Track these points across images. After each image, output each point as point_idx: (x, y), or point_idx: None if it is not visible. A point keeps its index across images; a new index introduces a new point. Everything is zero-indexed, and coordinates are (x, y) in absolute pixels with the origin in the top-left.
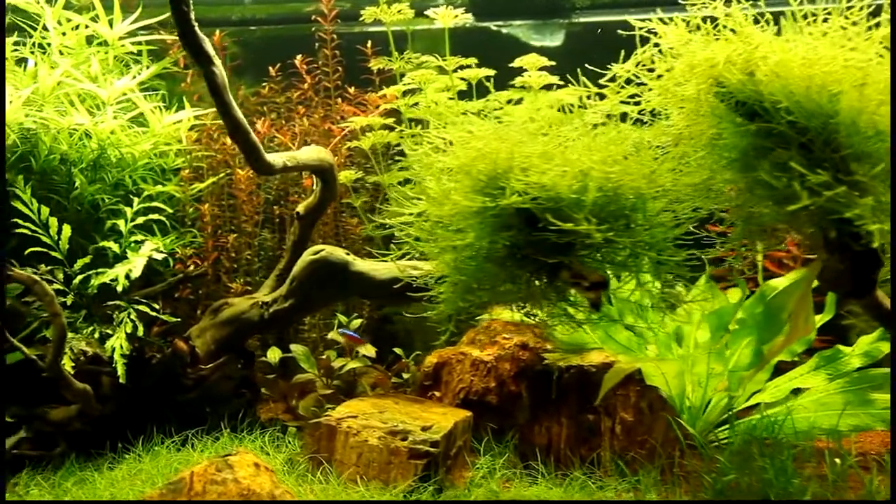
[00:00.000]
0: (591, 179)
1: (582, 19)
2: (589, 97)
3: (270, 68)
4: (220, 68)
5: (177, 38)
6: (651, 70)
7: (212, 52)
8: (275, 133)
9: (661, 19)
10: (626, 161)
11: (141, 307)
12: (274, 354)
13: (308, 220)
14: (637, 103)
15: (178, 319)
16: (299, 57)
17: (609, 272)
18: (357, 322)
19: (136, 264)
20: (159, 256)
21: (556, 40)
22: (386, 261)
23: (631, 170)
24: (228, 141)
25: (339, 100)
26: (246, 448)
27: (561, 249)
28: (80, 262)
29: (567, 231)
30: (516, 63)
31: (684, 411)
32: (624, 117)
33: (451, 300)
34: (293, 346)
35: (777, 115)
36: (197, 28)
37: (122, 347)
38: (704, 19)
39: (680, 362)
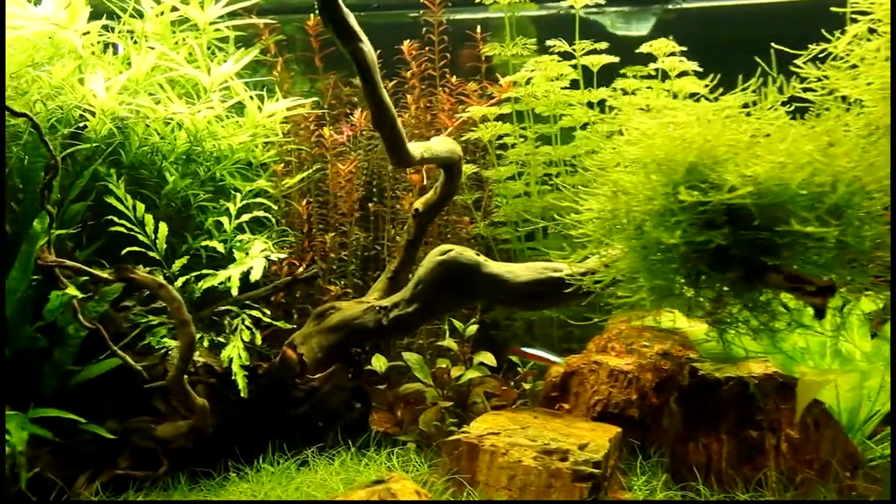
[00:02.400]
0: (821, 173)
1: (684, 4)
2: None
3: None
4: (367, 45)
5: (268, 22)
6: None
7: (357, 27)
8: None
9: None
10: (844, 151)
11: (253, 312)
12: (379, 362)
13: (426, 218)
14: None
15: (294, 326)
16: (406, 42)
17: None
18: (473, 328)
19: (255, 266)
20: (274, 257)
21: (642, 29)
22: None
23: (852, 161)
24: (327, 132)
25: (442, 90)
26: (399, 472)
27: (768, 250)
28: (178, 263)
29: (780, 230)
30: (644, 49)
31: (853, 427)
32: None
33: (639, 303)
34: (406, 354)
35: None
36: (341, 1)
37: (240, 357)
38: None
39: (858, 375)
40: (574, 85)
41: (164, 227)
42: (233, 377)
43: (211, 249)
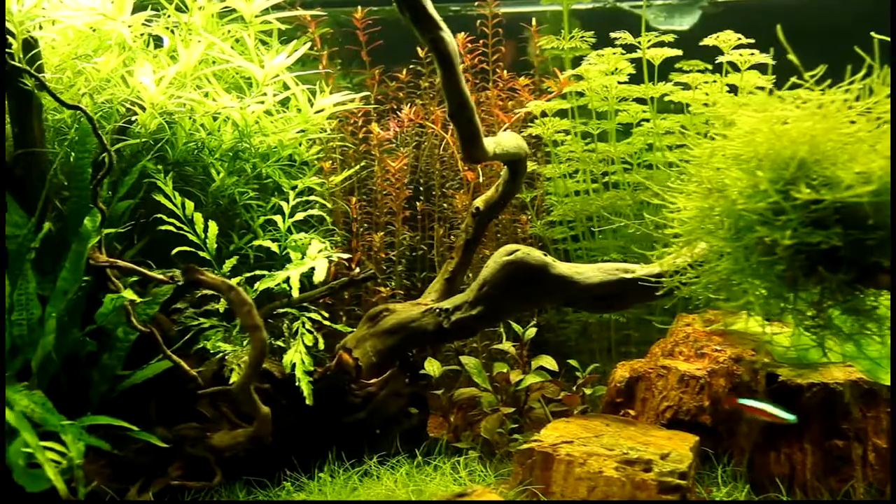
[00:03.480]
0: None
1: None
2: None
3: (419, 49)
4: (448, 34)
5: (316, 14)
6: None
7: (437, 16)
8: (421, 120)
9: None
10: None
11: (312, 315)
12: (433, 366)
13: (486, 217)
14: None
15: (352, 330)
16: (461, 35)
17: None
18: (532, 331)
19: (317, 267)
20: (335, 257)
21: (685, 23)
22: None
23: None
24: (376, 129)
25: (493, 85)
26: (480, 485)
27: (875, 250)
28: (228, 264)
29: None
30: (707, 41)
31: None
32: None
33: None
34: (464, 358)
35: None
36: None
37: (303, 363)
38: None
39: None
40: (633, 80)
41: (213, 226)
42: (296, 383)
43: (260, 249)
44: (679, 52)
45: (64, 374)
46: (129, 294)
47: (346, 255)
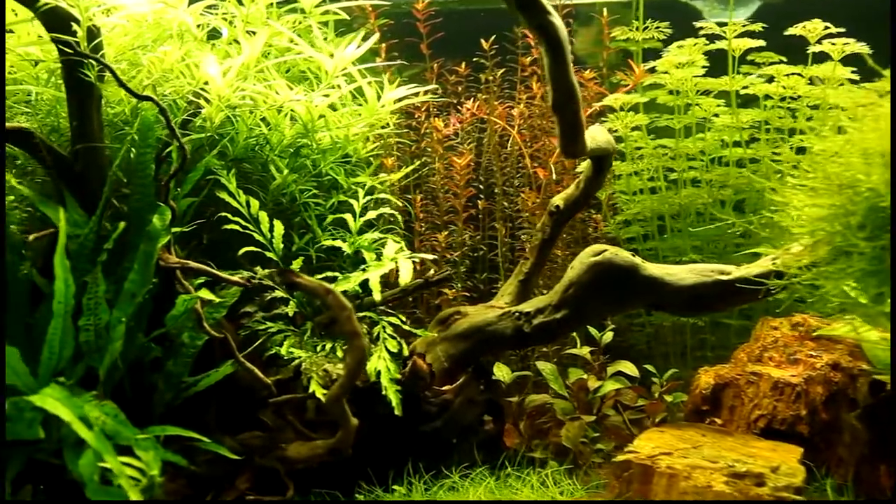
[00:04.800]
0: None
1: None
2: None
3: (483, 41)
4: (558, 19)
5: (378, 4)
6: None
7: (545, 1)
8: (484, 115)
9: None
10: None
11: (392, 319)
12: (502, 372)
13: (565, 216)
14: None
15: (436, 334)
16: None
17: None
18: (609, 335)
19: (402, 268)
20: (418, 259)
21: (740, 15)
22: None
23: None
24: (440, 124)
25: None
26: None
27: None
28: (296, 265)
29: None
30: (793, 31)
31: None
32: None
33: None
34: (539, 363)
35: None
36: None
37: (388, 370)
38: None
39: None
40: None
41: (279, 226)
42: (383, 392)
43: (321, 249)
44: (762, 43)
45: (128, 382)
46: (206, 295)
47: (430, 256)
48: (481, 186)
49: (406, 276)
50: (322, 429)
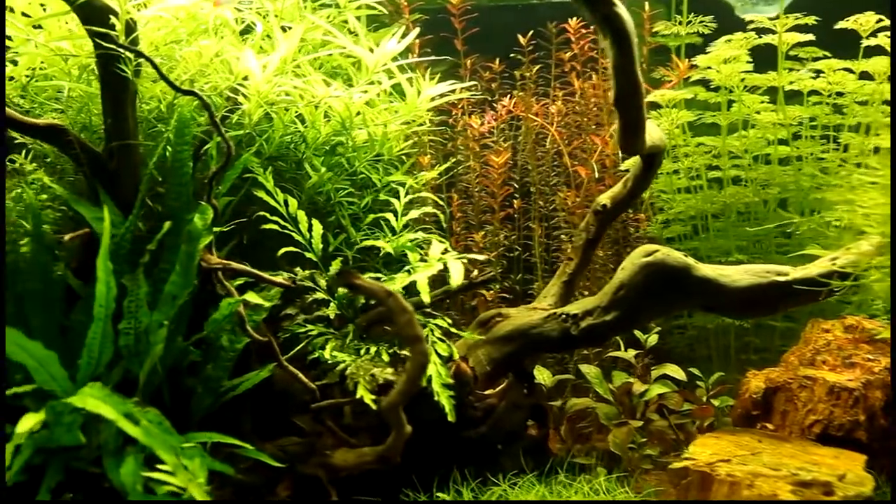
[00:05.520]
0: None
1: None
2: None
3: (520, 37)
4: (623, 10)
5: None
6: None
7: None
8: (521, 113)
9: None
10: None
11: (439, 321)
12: (543, 375)
13: (611, 215)
14: None
15: (483, 337)
16: (573, 21)
17: None
18: (655, 338)
19: (453, 269)
20: (467, 259)
21: (770, 11)
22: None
23: None
24: (476, 122)
25: (596, 74)
26: None
27: None
28: (334, 265)
29: None
30: (843, 24)
31: None
32: None
33: None
34: (583, 367)
35: None
36: None
37: (440, 375)
38: None
39: None
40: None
41: (318, 226)
42: (434, 397)
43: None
44: (811, 37)
45: (167, 387)
46: (253, 297)
47: (482, 257)
48: (516, 185)
49: (458, 278)
50: (359, 434)
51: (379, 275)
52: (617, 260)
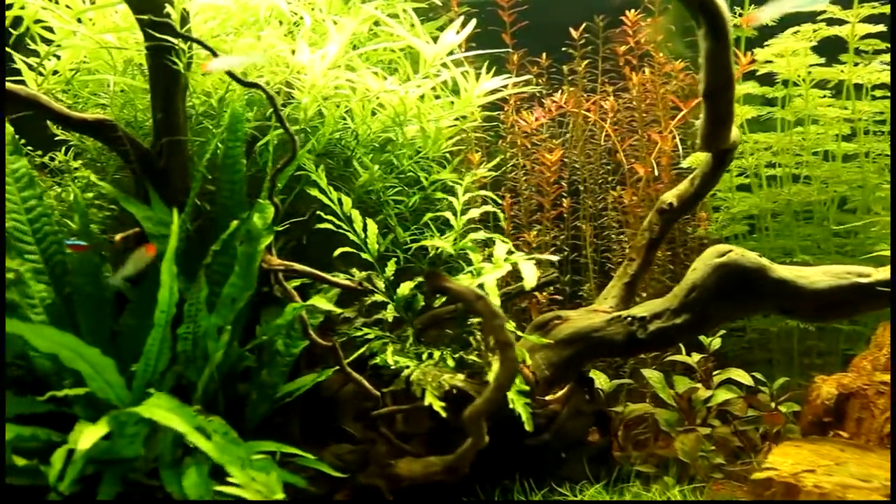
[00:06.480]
0: None
1: None
2: None
3: (572, 30)
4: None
5: None
6: None
7: None
8: (573, 109)
9: None
10: None
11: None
12: (600, 379)
13: (676, 214)
14: None
15: (547, 341)
16: (631, 13)
17: None
18: (718, 341)
19: (525, 271)
20: (535, 260)
21: (818, 3)
22: None
23: None
24: (530, 118)
25: (653, 68)
26: None
27: None
28: (390, 267)
29: None
30: None
31: None
32: None
33: None
34: (646, 371)
35: None
36: None
37: (515, 381)
38: None
39: None
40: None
41: (372, 225)
42: (510, 405)
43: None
44: (882, 28)
45: (222, 394)
46: (321, 302)
47: (554, 258)
48: (564, 184)
49: (532, 280)
50: (412, 441)
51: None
52: (673, 260)
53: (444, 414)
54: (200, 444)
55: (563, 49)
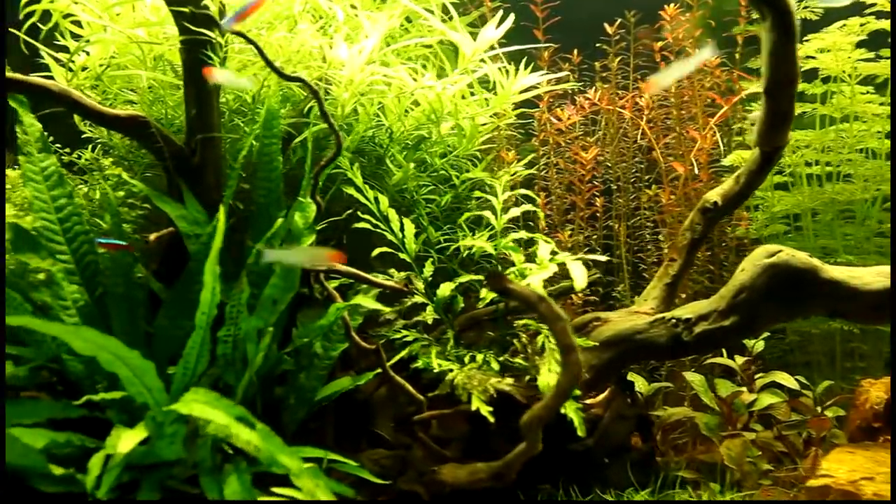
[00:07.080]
0: None
1: None
2: None
3: (606, 26)
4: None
5: None
6: None
7: None
8: (608, 106)
9: None
10: None
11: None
12: (639, 382)
13: (720, 214)
14: None
15: (589, 343)
16: (671, 7)
17: None
18: (761, 344)
19: (575, 271)
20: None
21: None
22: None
23: None
24: (564, 115)
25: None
26: None
27: None
28: (428, 267)
29: None
30: None
31: None
32: None
33: None
34: (688, 374)
35: None
36: None
37: None
38: None
39: None
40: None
41: (410, 225)
42: (560, 410)
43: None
44: None
45: (260, 398)
46: (367, 301)
47: (602, 258)
48: (596, 183)
49: (582, 281)
50: (448, 445)
51: (470, 276)
52: (712, 260)
53: (491, 419)
54: (243, 434)
55: (597, 45)
